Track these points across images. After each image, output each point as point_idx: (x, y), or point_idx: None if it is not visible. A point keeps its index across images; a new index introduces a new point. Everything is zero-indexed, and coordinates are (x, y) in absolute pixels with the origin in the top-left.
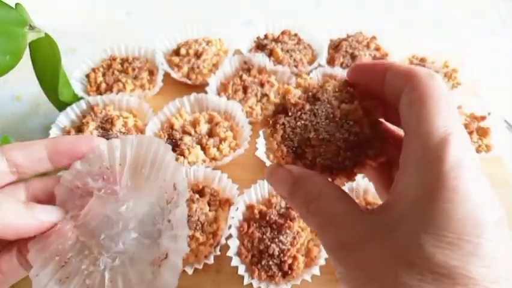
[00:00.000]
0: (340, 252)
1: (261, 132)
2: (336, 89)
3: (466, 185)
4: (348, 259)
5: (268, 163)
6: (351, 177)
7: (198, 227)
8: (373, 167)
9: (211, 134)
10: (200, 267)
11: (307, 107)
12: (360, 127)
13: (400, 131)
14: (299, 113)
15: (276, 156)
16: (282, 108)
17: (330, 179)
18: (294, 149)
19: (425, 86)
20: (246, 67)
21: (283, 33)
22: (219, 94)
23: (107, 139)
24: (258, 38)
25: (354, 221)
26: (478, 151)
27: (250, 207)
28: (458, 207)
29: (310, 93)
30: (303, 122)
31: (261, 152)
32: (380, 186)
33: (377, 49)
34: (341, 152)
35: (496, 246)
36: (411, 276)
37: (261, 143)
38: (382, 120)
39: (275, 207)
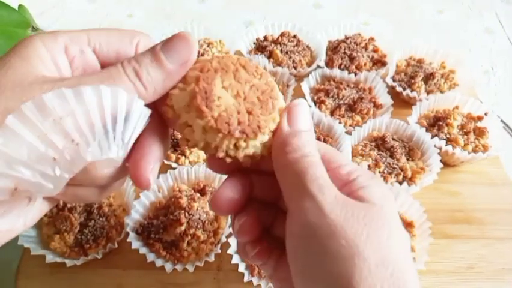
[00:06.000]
0: None
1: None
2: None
3: None
4: None
5: None
6: None
7: (199, 226)
8: None
9: None
10: (201, 265)
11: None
12: None
13: None
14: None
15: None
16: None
17: None
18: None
19: None
20: None
21: (282, 34)
22: None
23: None
24: (257, 39)
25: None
26: (475, 151)
27: None
28: None
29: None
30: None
31: None
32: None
33: (375, 50)
34: None
35: None
36: None
37: None
38: None
39: None
